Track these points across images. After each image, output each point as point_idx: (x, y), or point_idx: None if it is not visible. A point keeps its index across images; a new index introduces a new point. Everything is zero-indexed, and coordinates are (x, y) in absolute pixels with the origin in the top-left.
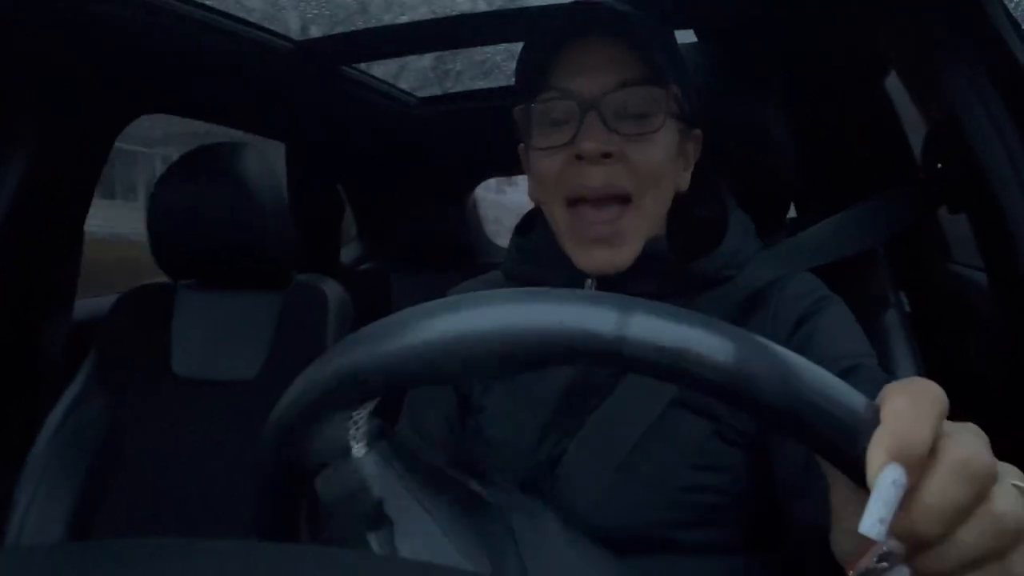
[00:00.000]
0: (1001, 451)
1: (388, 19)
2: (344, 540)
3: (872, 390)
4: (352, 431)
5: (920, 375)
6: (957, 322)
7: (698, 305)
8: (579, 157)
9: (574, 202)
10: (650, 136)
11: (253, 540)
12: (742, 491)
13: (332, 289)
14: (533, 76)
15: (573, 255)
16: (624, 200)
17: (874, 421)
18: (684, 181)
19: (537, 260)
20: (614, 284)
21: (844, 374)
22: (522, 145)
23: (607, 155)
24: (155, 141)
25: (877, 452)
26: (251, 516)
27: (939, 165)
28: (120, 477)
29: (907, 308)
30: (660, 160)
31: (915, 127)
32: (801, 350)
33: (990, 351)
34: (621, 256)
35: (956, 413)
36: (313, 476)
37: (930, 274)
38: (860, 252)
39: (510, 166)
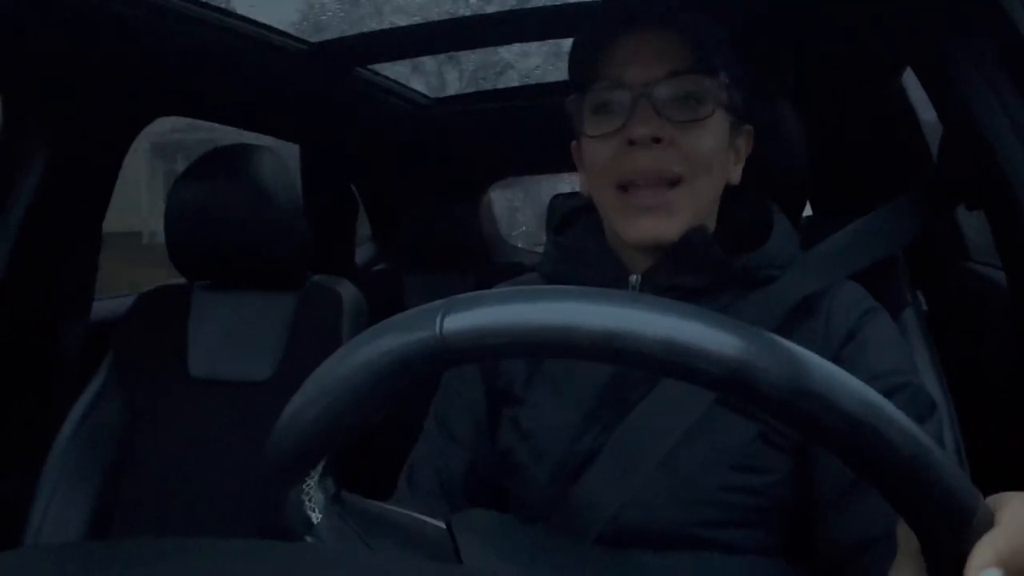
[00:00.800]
0: (1013, 449)
1: (401, 20)
2: None
3: (916, 414)
4: (307, 503)
5: (937, 374)
6: (975, 320)
7: (744, 306)
8: (631, 143)
9: (624, 186)
10: (701, 123)
11: (267, 539)
12: (781, 495)
13: (346, 289)
14: (585, 67)
15: (622, 229)
16: (674, 183)
17: (985, 518)
18: (735, 174)
19: (577, 259)
20: (659, 280)
21: (891, 391)
22: (575, 142)
23: (658, 140)
24: None
25: (986, 552)
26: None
27: (956, 162)
28: (137, 476)
29: (924, 307)
30: (711, 147)
31: (930, 124)
32: (851, 363)
33: (1007, 349)
34: (670, 227)
35: (972, 410)
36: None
37: (948, 272)
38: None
39: (524, 166)
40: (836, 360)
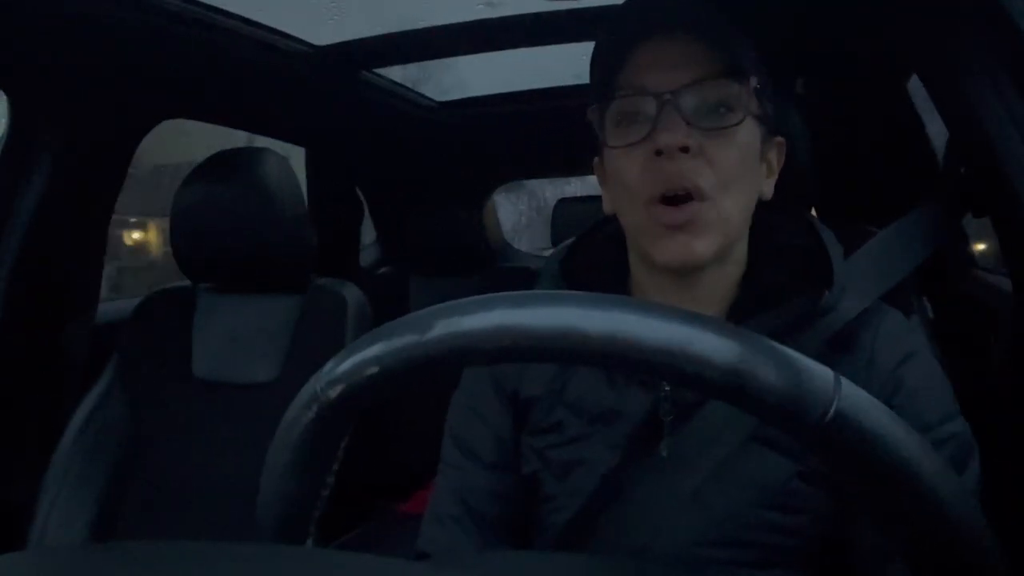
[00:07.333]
0: (1021, 456)
1: (407, 23)
2: None
3: (960, 462)
4: None
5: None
6: (980, 328)
7: (802, 341)
8: (658, 152)
9: (654, 201)
10: (731, 131)
11: (272, 543)
12: (816, 534)
13: (351, 292)
14: (607, 76)
15: (652, 249)
16: (703, 197)
17: None
18: (768, 188)
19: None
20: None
21: (941, 443)
22: (597, 159)
23: (685, 149)
24: None
25: None
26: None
27: (962, 169)
28: (141, 478)
29: (930, 314)
30: (739, 158)
31: (937, 128)
32: (899, 411)
33: (1013, 357)
34: (700, 245)
35: (978, 420)
36: None
37: (954, 280)
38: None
39: (529, 170)
40: (881, 396)
